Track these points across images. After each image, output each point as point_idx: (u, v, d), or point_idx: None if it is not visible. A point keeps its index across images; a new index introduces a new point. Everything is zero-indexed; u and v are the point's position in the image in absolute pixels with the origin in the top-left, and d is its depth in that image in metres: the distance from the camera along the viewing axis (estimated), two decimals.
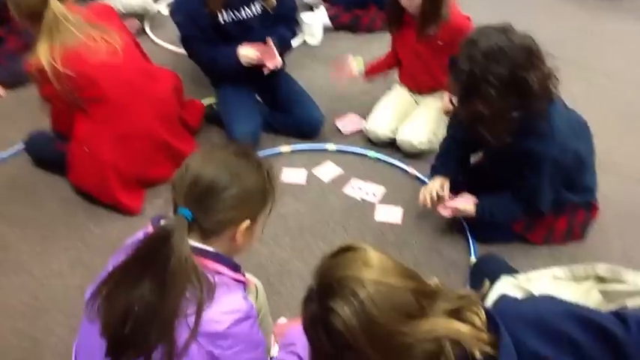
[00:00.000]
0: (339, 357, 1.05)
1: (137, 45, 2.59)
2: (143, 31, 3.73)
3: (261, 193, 1.40)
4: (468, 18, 2.59)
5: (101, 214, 2.45)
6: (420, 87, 2.85)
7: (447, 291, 1.14)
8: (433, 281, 1.15)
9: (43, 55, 2.22)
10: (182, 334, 1.22)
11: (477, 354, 1.04)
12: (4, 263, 2.26)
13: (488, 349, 1.07)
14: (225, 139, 2.79)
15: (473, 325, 1.09)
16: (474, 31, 1.93)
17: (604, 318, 1.17)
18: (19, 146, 2.74)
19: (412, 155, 2.72)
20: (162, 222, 1.32)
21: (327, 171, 2.68)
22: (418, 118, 2.75)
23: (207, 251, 1.33)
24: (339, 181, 2.62)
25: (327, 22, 3.69)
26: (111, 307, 1.23)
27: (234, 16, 2.67)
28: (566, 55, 3.41)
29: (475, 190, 2.24)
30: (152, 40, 3.66)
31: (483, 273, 1.97)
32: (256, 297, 1.62)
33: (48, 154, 2.60)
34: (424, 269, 2.01)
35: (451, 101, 2.08)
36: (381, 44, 3.10)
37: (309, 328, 1.10)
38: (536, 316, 1.19)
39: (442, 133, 2.60)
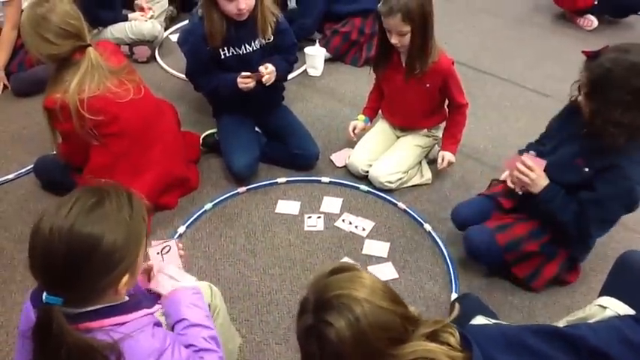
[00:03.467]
0: None
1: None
2: (153, 57, 3.85)
3: (134, 238, 1.24)
4: (453, 62, 2.68)
5: None
6: (400, 124, 2.92)
7: (425, 318, 1.31)
8: (414, 309, 1.32)
9: (71, 95, 2.25)
10: None
11: None
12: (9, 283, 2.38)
13: None
14: (225, 169, 2.91)
15: (448, 344, 1.26)
16: (628, 43, 1.94)
17: (561, 327, 1.44)
18: (28, 168, 2.88)
19: (395, 190, 2.82)
20: (36, 312, 1.21)
21: (330, 204, 2.77)
22: (392, 156, 2.84)
23: (94, 312, 1.24)
24: (332, 214, 2.71)
25: (328, 54, 3.78)
26: None
27: (234, 52, 2.78)
28: None
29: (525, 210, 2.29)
30: (161, 67, 3.77)
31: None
32: (211, 297, 1.70)
33: (57, 178, 2.67)
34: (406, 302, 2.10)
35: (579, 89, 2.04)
36: None
37: (302, 338, 1.24)
38: (499, 334, 1.41)
39: (415, 171, 2.79)
